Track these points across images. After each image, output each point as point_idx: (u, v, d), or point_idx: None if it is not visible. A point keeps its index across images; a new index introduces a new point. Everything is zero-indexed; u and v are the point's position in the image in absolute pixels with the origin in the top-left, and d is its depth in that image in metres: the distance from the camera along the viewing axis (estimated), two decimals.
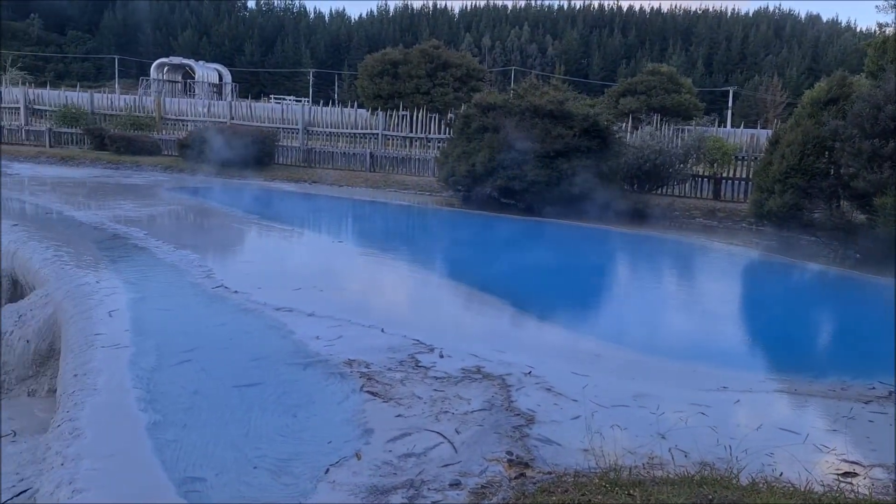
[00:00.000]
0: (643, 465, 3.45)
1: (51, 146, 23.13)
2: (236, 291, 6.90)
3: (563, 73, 68.54)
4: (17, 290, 8.30)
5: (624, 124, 17.94)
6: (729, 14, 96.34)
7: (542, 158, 13.95)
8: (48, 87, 28.62)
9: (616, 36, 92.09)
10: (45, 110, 24.88)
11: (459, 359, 5.16)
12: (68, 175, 17.87)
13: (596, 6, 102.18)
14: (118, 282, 6.97)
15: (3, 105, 25.48)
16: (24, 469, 3.30)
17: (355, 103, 23.82)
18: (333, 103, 25.72)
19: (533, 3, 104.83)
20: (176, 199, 14.57)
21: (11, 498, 3.02)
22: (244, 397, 4.32)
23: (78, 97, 25.55)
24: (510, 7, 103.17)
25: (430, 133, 20.91)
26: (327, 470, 3.35)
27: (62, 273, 7.20)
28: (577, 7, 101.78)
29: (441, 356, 5.21)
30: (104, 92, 31.26)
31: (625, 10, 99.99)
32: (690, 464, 3.51)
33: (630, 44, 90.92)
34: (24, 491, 3.07)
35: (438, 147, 19.38)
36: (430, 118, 21.02)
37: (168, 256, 8.46)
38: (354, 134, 21.86)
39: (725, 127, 27.83)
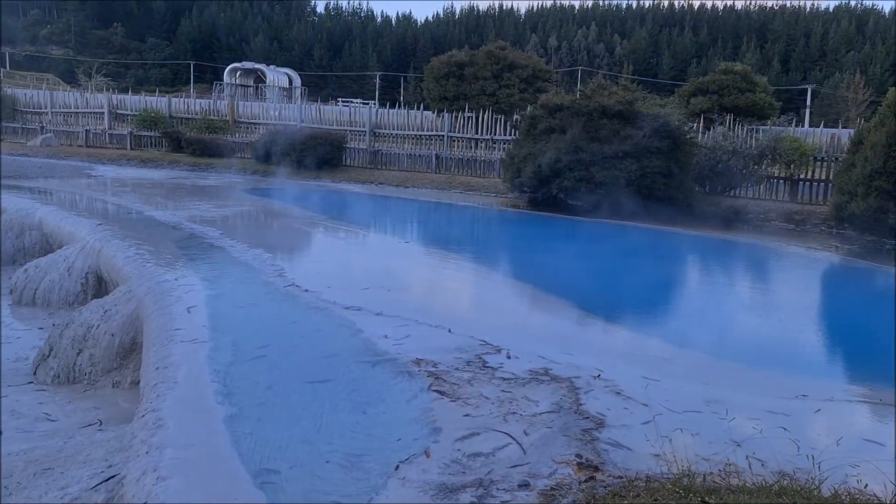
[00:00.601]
0: (718, 472, 3.37)
1: (132, 149, 24.16)
2: (307, 290, 7.05)
3: (631, 73, 67.41)
4: (101, 287, 8.71)
5: (695, 124, 17.51)
6: (808, 10, 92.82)
7: (610, 159, 13.76)
8: (129, 92, 29.89)
9: (686, 34, 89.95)
10: (127, 114, 25.99)
11: (527, 360, 5.14)
12: (147, 176, 18.63)
13: (666, 4, 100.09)
14: (195, 279, 7.21)
15: (89, 110, 26.77)
16: (112, 456, 3.46)
17: (421, 105, 23.99)
18: (399, 105, 25.99)
19: (601, 2, 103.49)
20: (248, 200, 15.00)
21: (100, 483, 3.18)
22: (316, 393, 4.42)
23: (157, 102, 26.61)
24: (577, 7, 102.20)
25: (495, 134, 20.89)
26: (397, 466, 3.40)
27: (143, 270, 7.50)
28: (647, 6, 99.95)
29: (508, 357, 5.20)
30: (181, 96, 32.43)
31: (696, 7, 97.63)
32: (768, 473, 3.40)
33: (701, 42, 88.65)
34: (112, 477, 3.22)
35: (504, 148, 19.35)
36: (496, 119, 21.00)
37: (242, 255, 8.71)
38: (420, 136, 22.03)
39: (803, 126, 26.80)
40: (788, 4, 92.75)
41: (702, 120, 18.48)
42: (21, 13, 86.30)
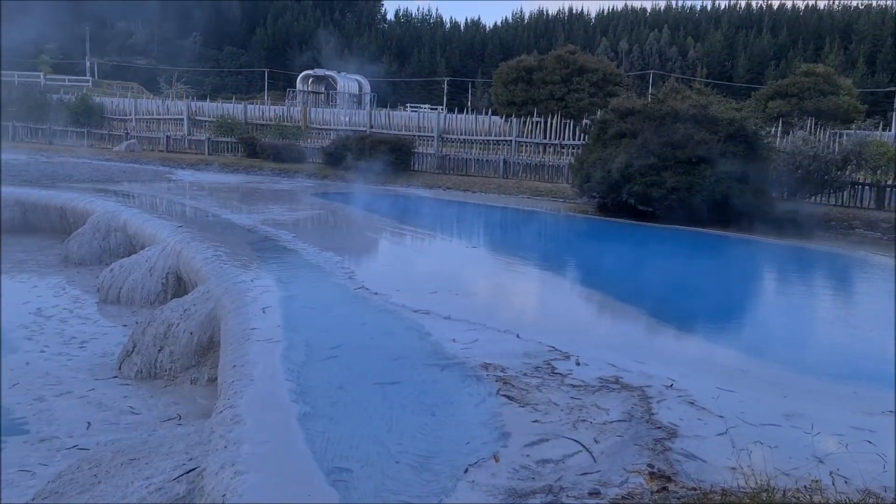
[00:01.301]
0: (800, 488, 3.25)
1: (209, 154, 25.05)
2: (376, 293, 7.15)
3: (704, 76, 65.69)
4: (180, 287, 9.06)
5: (773, 129, 16.94)
6: None
7: (682, 164, 13.46)
8: (207, 99, 31.00)
9: (765, 36, 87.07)
10: (205, 121, 26.97)
11: (596, 368, 5.08)
12: (223, 181, 19.27)
13: (743, 5, 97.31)
14: (270, 281, 7.41)
15: (169, 116, 27.89)
16: (193, 449, 3.59)
17: (489, 110, 24.03)
18: (467, 111, 26.08)
19: (674, 4, 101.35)
20: (319, 204, 15.32)
21: (182, 475, 3.30)
22: (385, 394, 4.48)
23: (233, 108, 27.53)
24: (649, 9, 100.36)
25: (563, 139, 20.73)
26: (466, 469, 3.41)
27: (221, 271, 7.75)
28: (722, 7, 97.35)
29: (577, 364, 5.15)
30: (256, 103, 33.43)
31: (775, 7, 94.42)
32: (852, 490, 3.26)
33: (780, 44, 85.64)
34: (193, 469, 3.34)
35: (572, 153, 19.18)
36: (565, 124, 20.84)
37: (313, 258, 8.91)
38: (488, 141, 22.06)
39: (890, 131, 25.57)
40: (875, 3, 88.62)
41: (780, 124, 17.86)
42: (109, 25, 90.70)
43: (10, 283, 9.66)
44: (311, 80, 56.81)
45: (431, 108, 45.03)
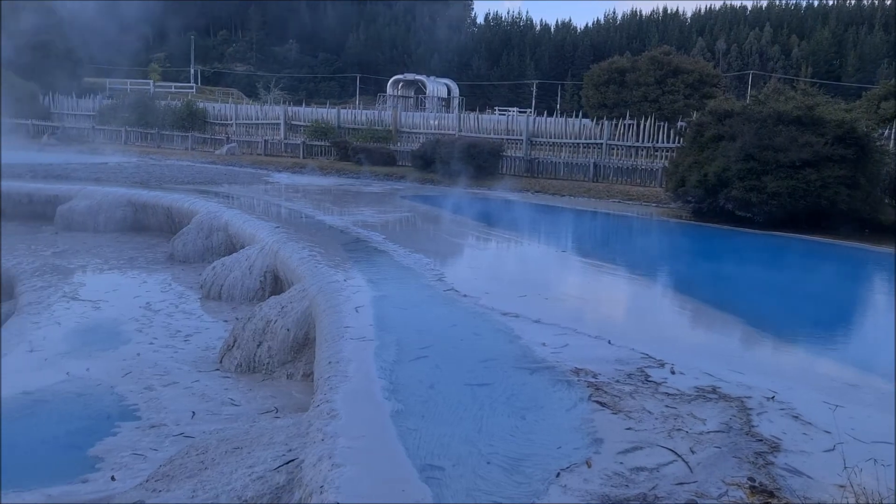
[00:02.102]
0: None
1: (304, 157, 25.86)
2: (466, 295, 7.20)
3: (809, 76, 62.62)
4: (277, 285, 9.39)
5: (886, 131, 15.96)
6: None
7: (785, 168, 12.88)
8: (303, 104, 32.02)
9: (877, 33, 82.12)
10: (300, 125, 27.86)
11: (692, 376, 4.94)
12: (317, 183, 19.84)
13: (853, 2, 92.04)
14: (362, 281, 7.58)
15: (267, 121, 28.99)
16: (292, 441, 3.73)
17: (579, 113, 23.74)
18: (556, 114, 25.87)
19: (777, 1, 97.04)
20: (409, 207, 15.55)
21: (282, 465, 3.43)
22: (475, 396, 4.50)
23: (326, 113, 28.30)
24: (749, 7, 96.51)
25: (657, 142, 20.23)
26: (558, 474, 3.39)
27: (315, 271, 7.99)
28: (830, 4, 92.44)
29: (672, 372, 5.02)
30: (348, 108, 34.27)
31: (888, 3, 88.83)
32: None
33: (894, 41, 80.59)
34: (292, 460, 3.47)
35: (666, 157, 18.70)
36: (658, 126, 20.34)
37: (404, 259, 9.05)
38: (577, 144, 21.79)
39: None
40: None
41: (894, 126, 16.81)
42: (211, 34, 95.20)
43: (122, 279, 10.27)
44: (401, 85, 57.75)
45: (520, 112, 44.89)
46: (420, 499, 3.03)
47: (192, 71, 74.92)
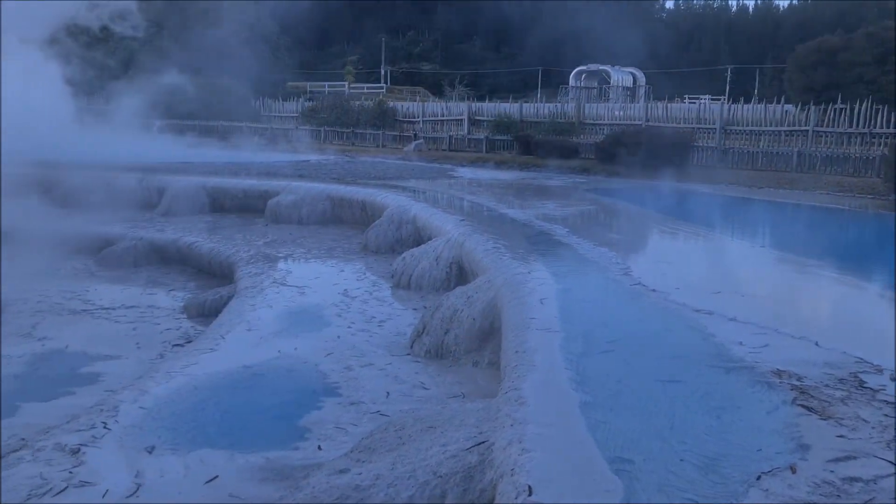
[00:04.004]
0: None
1: (486, 152, 26.34)
2: (654, 290, 6.99)
3: None
4: (462, 276, 9.68)
5: None
6: None
7: None
8: (486, 100, 32.61)
9: None
10: (483, 120, 28.40)
11: None
12: (499, 177, 20.13)
13: None
14: (546, 273, 7.61)
15: (451, 117, 29.87)
16: (482, 424, 3.86)
17: (781, 98, 22.00)
18: (755, 100, 24.14)
19: None
20: (592, 200, 15.32)
21: (473, 446, 3.57)
22: (666, 392, 4.37)
23: (509, 107, 28.58)
24: None
25: (874, 128, 18.26)
26: (759, 477, 3.21)
27: (500, 263, 8.14)
28: None
29: (893, 379, 4.54)
30: (530, 101, 34.37)
31: None
32: None
33: None
34: (483, 442, 3.59)
35: (885, 144, 16.81)
36: (877, 110, 18.31)
37: (588, 253, 8.96)
38: (779, 132, 20.23)
39: None
40: None
41: None
42: (400, 36, 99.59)
43: (323, 267, 11.11)
44: (583, 76, 56.80)
45: (712, 99, 42.41)
46: (611, 488, 3.01)
47: (382, 72, 78.89)
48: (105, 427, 4.88)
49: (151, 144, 25.95)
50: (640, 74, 57.23)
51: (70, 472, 4.21)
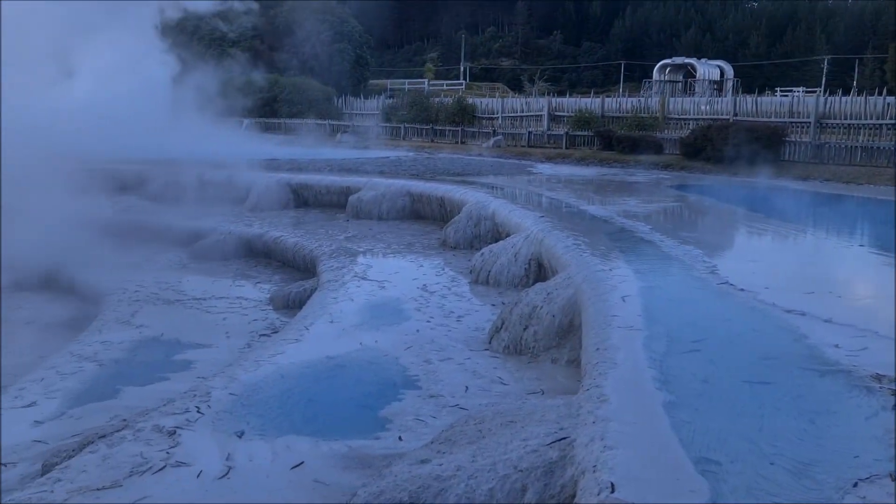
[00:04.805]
0: None
1: (566, 148, 26.02)
2: (742, 289, 6.76)
3: None
4: (541, 272, 9.62)
5: None
6: None
7: None
8: (567, 95, 32.22)
9: None
10: (563, 116, 28.06)
11: None
12: (579, 173, 19.86)
13: None
14: (628, 271, 7.48)
15: (531, 113, 29.66)
16: (563, 420, 3.84)
17: (883, 90, 20.79)
18: (854, 92, 22.91)
19: None
20: (677, 196, 14.92)
21: (554, 441, 3.56)
22: (755, 393, 4.24)
23: (590, 103, 28.14)
24: None
25: None
26: (856, 484, 3.08)
27: (580, 259, 8.05)
28: None
29: None
30: (612, 96, 33.75)
31: None
32: None
33: None
34: (564, 438, 3.58)
35: None
36: None
37: (672, 251, 8.74)
38: (880, 125, 19.16)
39: None
40: None
41: None
42: (479, 31, 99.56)
43: (402, 262, 11.26)
44: (668, 70, 55.36)
45: (806, 92, 40.53)
46: (696, 488, 2.95)
47: (461, 68, 79.15)
48: (198, 411, 5.11)
49: (239, 141, 26.95)
50: (727, 67, 55.32)
51: (167, 453, 4.44)
